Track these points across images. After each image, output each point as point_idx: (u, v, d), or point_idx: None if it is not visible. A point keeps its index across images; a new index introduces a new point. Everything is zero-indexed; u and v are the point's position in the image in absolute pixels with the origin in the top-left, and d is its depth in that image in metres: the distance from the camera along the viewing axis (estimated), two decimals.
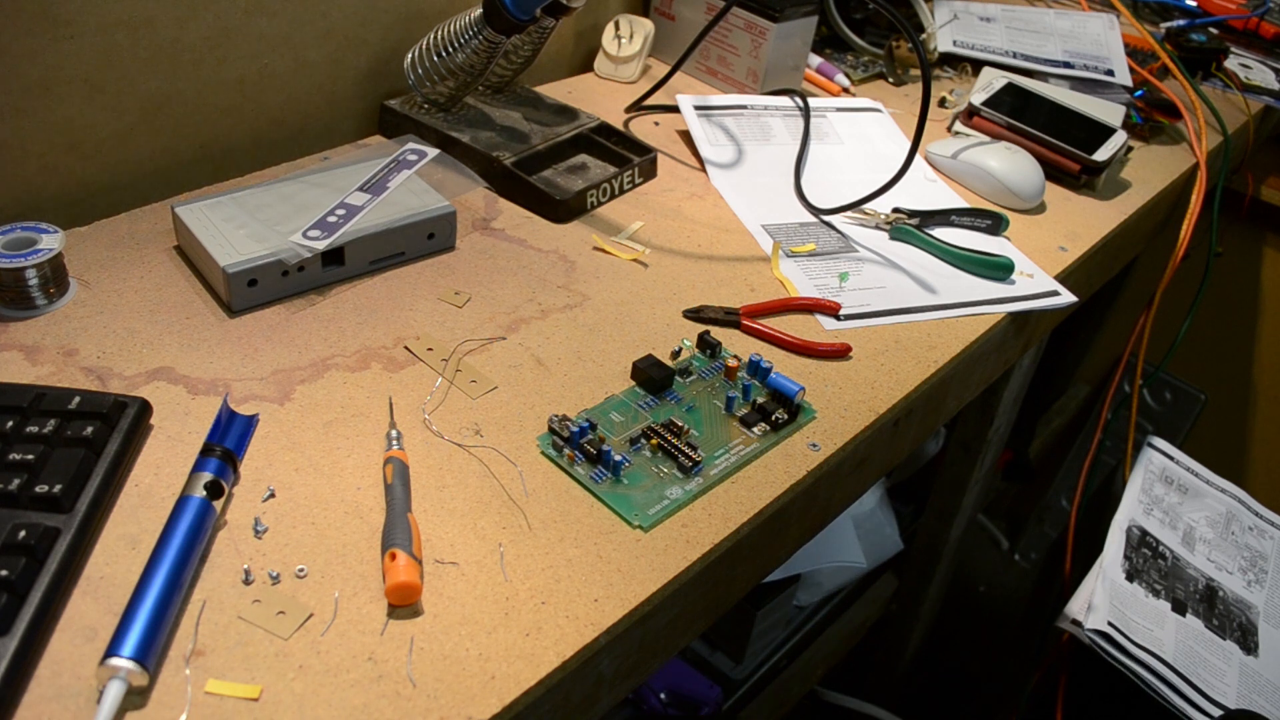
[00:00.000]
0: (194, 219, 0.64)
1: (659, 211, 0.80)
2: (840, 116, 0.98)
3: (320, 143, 0.83)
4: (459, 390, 0.59)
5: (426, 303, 0.66)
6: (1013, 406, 1.15)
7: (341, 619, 0.45)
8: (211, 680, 0.42)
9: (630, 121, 0.94)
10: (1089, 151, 0.93)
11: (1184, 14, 1.36)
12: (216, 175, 0.77)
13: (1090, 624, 0.76)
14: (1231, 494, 0.94)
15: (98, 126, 0.69)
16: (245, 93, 0.77)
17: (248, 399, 0.56)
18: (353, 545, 0.49)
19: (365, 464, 0.53)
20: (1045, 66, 1.15)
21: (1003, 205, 0.90)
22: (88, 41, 0.66)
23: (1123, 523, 0.86)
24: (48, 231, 0.60)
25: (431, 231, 0.70)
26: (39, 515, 0.46)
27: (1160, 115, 1.09)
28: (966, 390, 0.78)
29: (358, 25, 0.82)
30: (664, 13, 1.04)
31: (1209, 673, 0.76)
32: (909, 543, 1.32)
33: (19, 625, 0.41)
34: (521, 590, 0.48)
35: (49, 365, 0.56)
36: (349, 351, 0.61)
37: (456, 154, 0.79)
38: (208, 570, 0.46)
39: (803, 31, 0.99)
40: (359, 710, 0.41)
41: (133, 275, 0.64)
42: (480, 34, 0.76)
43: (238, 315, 0.62)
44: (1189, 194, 1.03)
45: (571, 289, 0.69)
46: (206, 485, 0.47)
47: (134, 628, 0.41)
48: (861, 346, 0.67)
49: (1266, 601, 0.85)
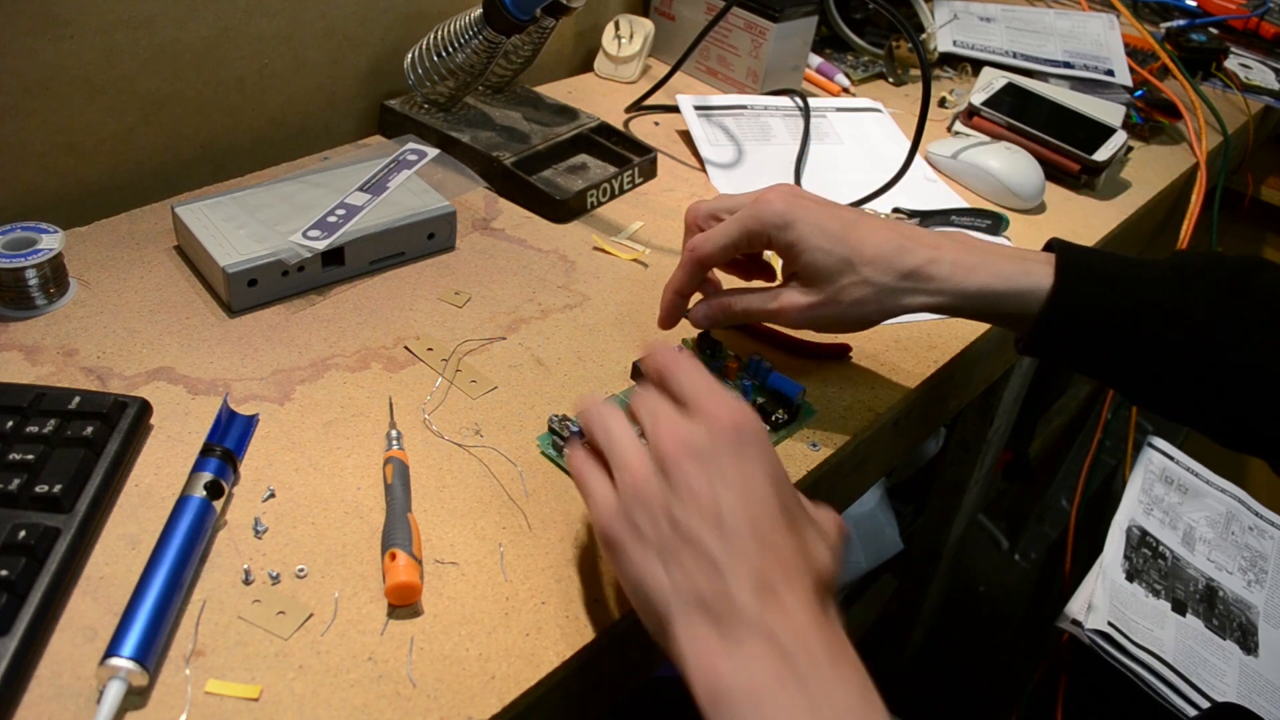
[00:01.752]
0: (194, 219, 0.64)
1: (659, 211, 0.80)
2: (840, 116, 0.98)
3: (320, 143, 0.83)
4: (459, 390, 0.59)
5: (426, 303, 0.66)
6: (1013, 406, 1.15)
7: (341, 619, 0.45)
8: (211, 680, 0.42)
9: (630, 121, 0.94)
10: (1089, 151, 0.93)
11: (1184, 14, 1.36)
12: (216, 175, 0.77)
13: (1090, 624, 0.76)
14: (1231, 494, 0.94)
15: (98, 126, 0.69)
16: (245, 93, 0.77)
17: (248, 399, 0.56)
18: (353, 545, 0.49)
19: (365, 464, 0.53)
20: (1045, 66, 1.15)
21: (1003, 205, 0.90)
22: (88, 41, 0.66)
23: (1123, 523, 0.86)
24: (48, 231, 0.60)
25: (431, 231, 0.70)
26: (39, 515, 0.46)
27: (1160, 115, 1.09)
28: (966, 390, 0.78)
29: (358, 25, 0.82)
30: (664, 13, 1.04)
31: (1209, 673, 0.76)
32: (909, 543, 1.32)
33: (19, 625, 0.41)
34: (521, 590, 0.48)
35: (49, 365, 0.56)
36: (349, 351, 0.61)
37: (456, 154, 0.79)
38: (208, 570, 0.46)
39: (803, 31, 0.99)
40: (359, 710, 0.41)
41: (133, 275, 0.64)
42: (480, 34, 0.76)
43: (238, 315, 0.62)
44: (1189, 194, 1.03)
45: (571, 289, 0.69)
46: (206, 485, 0.47)
47: (134, 628, 0.41)
48: (861, 346, 0.67)
49: (1266, 601, 0.85)
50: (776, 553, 0.40)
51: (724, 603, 0.39)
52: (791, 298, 0.58)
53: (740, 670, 0.38)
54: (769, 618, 0.38)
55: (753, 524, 0.41)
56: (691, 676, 0.39)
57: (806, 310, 0.57)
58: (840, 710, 0.37)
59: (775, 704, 0.37)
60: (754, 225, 0.57)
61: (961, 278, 0.56)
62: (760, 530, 0.41)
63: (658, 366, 0.47)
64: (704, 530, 0.40)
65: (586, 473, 0.45)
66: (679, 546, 0.40)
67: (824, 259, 0.56)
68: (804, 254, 0.56)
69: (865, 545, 1.26)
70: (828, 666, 0.38)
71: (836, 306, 0.57)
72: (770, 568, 0.40)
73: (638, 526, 0.42)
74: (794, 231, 0.56)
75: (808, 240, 0.56)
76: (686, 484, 0.41)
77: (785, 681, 0.37)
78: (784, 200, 0.57)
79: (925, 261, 0.56)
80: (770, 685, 0.37)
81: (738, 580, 0.39)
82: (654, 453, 0.43)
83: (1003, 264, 0.56)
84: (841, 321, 0.59)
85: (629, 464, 0.43)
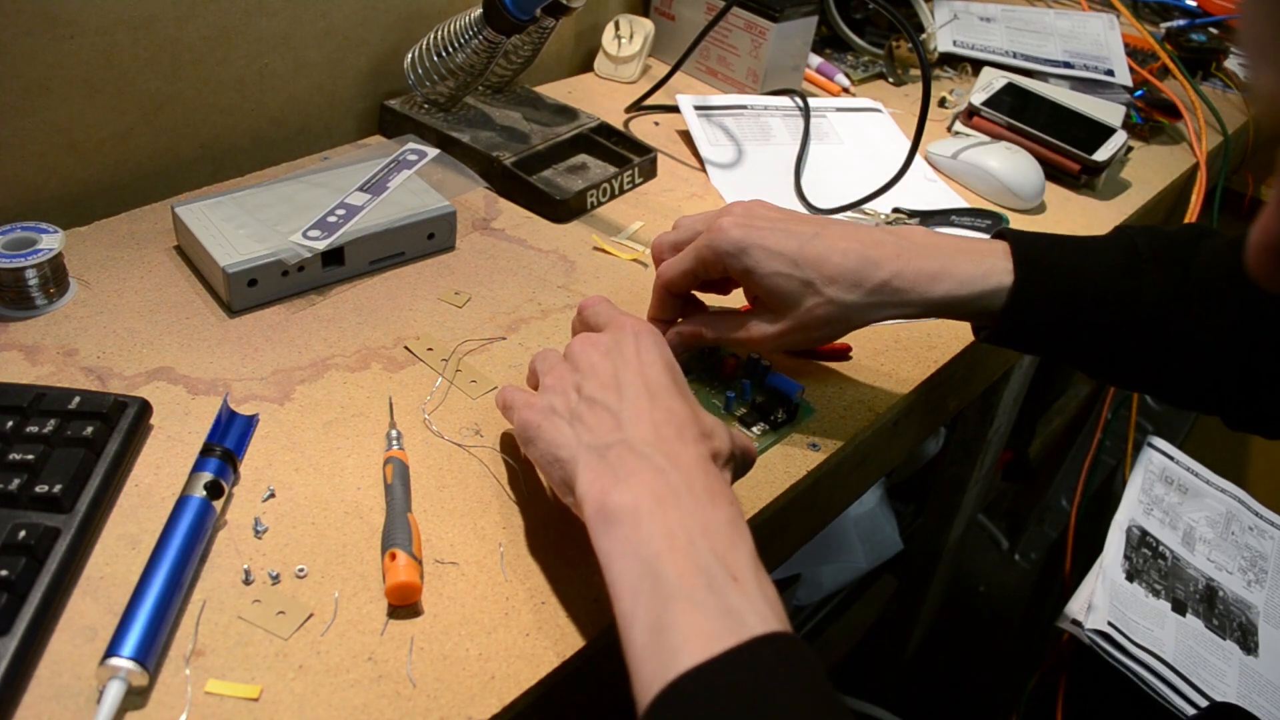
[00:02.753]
0: (194, 219, 0.64)
1: (659, 211, 0.80)
2: (840, 116, 0.98)
3: (320, 143, 0.83)
4: (459, 390, 0.59)
5: (426, 303, 0.66)
6: (1013, 406, 1.15)
7: (341, 619, 0.45)
8: (211, 680, 0.42)
9: (630, 121, 0.94)
10: (1089, 151, 0.93)
11: (1184, 14, 1.35)
12: (216, 175, 0.77)
13: (1090, 624, 0.76)
14: (1231, 494, 0.94)
15: (98, 126, 0.69)
16: (245, 93, 0.77)
17: (248, 399, 0.56)
18: (353, 545, 0.49)
19: (365, 464, 0.53)
20: (1045, 66, 1.15)
21: (1003, 205, 0.89)
22: (88, 41, 0.66)
23: (1123, 523, 0.86)
24: (48, 231, 0.60)
25: (431, 231, 0.70)
26: (39, 515, 0.46)
27: (1160, 115, 1.09)
28: (966, 390, 0.78)
29: (358, 25, 0.82)
30: (664, 13, 1.04)
31: (1209, 673, 0.76)
32: (909, 543, 1.32)
33: (19, 625, 0.41)
34: (521, 590, 0.48)
35: (49, 365, 0.56)
36: (349, 351, 0.61)
37: (456, 154, 0.79)
38: (208, 570, 0.46)
39: (803, 31, 0.99)
40: (359, 710, 0.41)
41: (133, 275, 0.64)
42: (480, 34, 0.76)
43: (238, 315, 0.62)
44: (1189, 194, 1.03)
45: (571, 289, 0.69)
46: (206, 485, 0.47)
47: (134, 628, 0.41)
48: (861, 346, 0.67)
49: (1266, 601, 0.85)
50: (670, 413, 0.45)
51: (621, 446, 0.43)
52: (760, 328, 0.58)
53: (625, 491, 0.41)
54: (658, 452, 0.43)
55: (648, 388, 0.46)
56: (584, 505, 0.43)
57: (776, 338, 0.58)
58: (709, 528, 0.40)
59: (652, 518, 0.40)
60: (708, 255, 0.57)
61: (925, 287, 0.56)
62: (655, 394, 0.46)
63: (580, 312, 0.55)
64: (606, 394, 0.46)
65: (511, 391, 0.52)
66: (584, 410, 0.46)
67: (783, 284, 0.56)
68: (762, 280, 0.56)
69: (865, 545, 1.26)
70: (704, 495, 0.41)
71: (804, 331, 0.57)
72: (663, 421, 0.44)
73: (552, 407, 0.47)
74: (749, 258, 0.56)
75: (763, 266, 0.56)
76: (590, 363, 0.48)
77: (664, 501, 0.41)
78: (738, 227, 0.56)
79: (890, 275, 0.56)
80: (649, 503, 0.41)
81: (634, 426, 0.44)
82: (566, 353, 0.50)
83: (964, 268, 0.56)
84: (812, 342, 0.60)
85: (549, 370, 0.50)
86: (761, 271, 0.56)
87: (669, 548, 0.39)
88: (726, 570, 0.38)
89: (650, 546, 0.39)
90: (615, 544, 0.40)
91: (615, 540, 0.40)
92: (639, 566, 0.39)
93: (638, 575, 0.39)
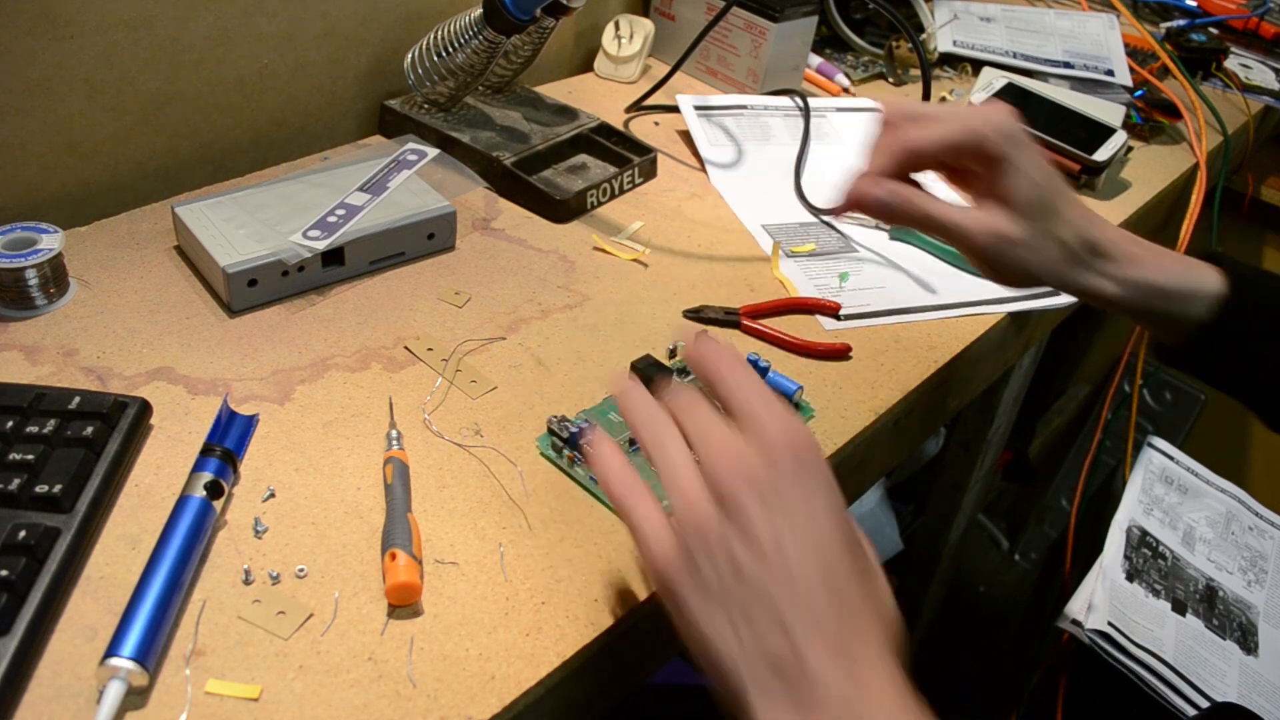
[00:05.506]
0: (194, 219, 0.64)
1: (659, 211, 0.80)
2: (840, 116, 0.98)
3: (320, 143, 0.83)
4: (459, 390, 0.59)
5: (426, 303, 0.66)
6: (1013, 406, 1.15)
7: (341, 619, 0.45)
8: (211, 680, 0.42)
9: (630, 121, 0.94)
10: (1089, 151, 0.93)
11: (1184, 14, 1.35)
12: (216, 175, 0.77)
13: (1090, 624, 0.76)
14: (1231, 494, 0.94)
15: (98, 126, 0.69)
16: (245, 93, 0.77)
17: (248, 399, 0.56)
18: (353, 545, 0.49)
19: (365, 464, 0.53)
20: (1045, 66, 1.15)
21: None
22: (88, 41, 0.66)
23: (1123, 523, 0.86)
24: (48, 231, 0.60)
25: (431, 231, 0.70)
26: (39, 515, 0.46)
27: (1160, 115, 1.09)
28: (966, 390, 0.78)
29: (358, 25, 0.82)
30: (664, 13, 1.04)
31: (1209, 673, 0.76)
32: (909, 543, 1.32)
33: (19, 625, 0.41)
34: (521, 590, 0.48)
35: (49, 365, 0.56)
36: (349, 351, 0.61)
37: (456, 154, 0.79)
38: (208, 570, 0.46)
39: (803, 31, 0.99)
40: (359, 710, 0.41)
41: (133, 275, 0.64)
42: (480, 34, 0.76)
43: (238, 315, 0.62)
44: (1189, 194, 1.03)
45: (571, 289, 0.69)
46: (206, 485, 0.47)
47: (134, 628, 0.41)
48: (861, 346, 0.67)
49: (1266, 601, 0.85)
50: (849, 606, 0.38)
51: (797, 668, 0.36)
52: (993, 217, 0.54)
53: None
54: (846, 689, 0.36)
55: (823, 574, 0.38)
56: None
57: (1002, 239, 0.54)
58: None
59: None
60: (986, 130, 0.53)
61: (1130, 266, 0.54)
62: (831, 581, 0.38)
63: (705, 367, 0.43)
64: (771, 584, 0.37)
65: (634, 498, 0.41)
66: (747, 601, 0.37)
67: (1033, 191, 0.53)
68: (1017, 175, 0.53)
69: None
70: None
71: (1032, 253, 0.54)
72: (845, 627, 0.37)
73: (699, 570, 0.38)
74: (1025, 151, 0.53)
75: (1026, 161, 0.53)
76: (748, 523, 0.38)
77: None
78: (1015, 117, 0.54)
79: (1109, 239, 0.54)
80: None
81: (809, 643, 0.37)
82: (709, 478, 0.39)
83: (1165, 260, 0.55)
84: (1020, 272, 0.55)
85: (686, 493, 0.39)
86: (1022, 165, 0.53)
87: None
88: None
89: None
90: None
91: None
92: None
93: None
